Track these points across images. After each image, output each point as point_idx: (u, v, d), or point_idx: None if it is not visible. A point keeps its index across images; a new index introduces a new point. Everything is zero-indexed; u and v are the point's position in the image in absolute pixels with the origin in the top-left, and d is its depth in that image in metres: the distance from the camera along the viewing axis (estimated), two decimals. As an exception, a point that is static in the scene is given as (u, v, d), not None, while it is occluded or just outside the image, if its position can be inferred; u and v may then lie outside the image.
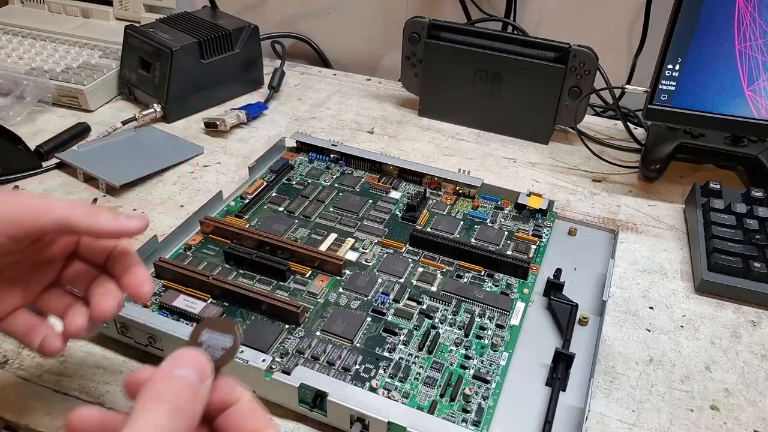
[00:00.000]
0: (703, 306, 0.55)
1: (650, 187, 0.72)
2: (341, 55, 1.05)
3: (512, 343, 0.48)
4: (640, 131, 0.82)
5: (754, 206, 0.61)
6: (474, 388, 0.44)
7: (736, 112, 0.65)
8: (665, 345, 0.51)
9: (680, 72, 0.65)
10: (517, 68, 0.77)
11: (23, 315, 0.37)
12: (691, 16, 0.62)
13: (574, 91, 0.76)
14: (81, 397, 0.44)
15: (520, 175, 0.73)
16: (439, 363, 0.46)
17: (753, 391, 0.47)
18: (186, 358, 0.27)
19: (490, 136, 0.81)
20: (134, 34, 0.81)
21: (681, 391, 0.47)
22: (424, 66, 0.81)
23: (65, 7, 0.98)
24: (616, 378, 0.48)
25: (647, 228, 0.65)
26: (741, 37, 0.62)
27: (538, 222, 0.62)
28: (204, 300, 0.50)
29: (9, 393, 0.44)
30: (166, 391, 0.25)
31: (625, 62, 0.87)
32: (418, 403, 0.43)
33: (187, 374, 0.27)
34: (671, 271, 0.59)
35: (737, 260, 0.56)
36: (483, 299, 0.52)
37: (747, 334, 0.52)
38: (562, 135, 0.82)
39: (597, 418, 0.45)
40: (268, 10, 1.06)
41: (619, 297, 0.56)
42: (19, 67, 0.83)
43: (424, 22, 0.79)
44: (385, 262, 0.55)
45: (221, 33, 0.82)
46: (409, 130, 0.82)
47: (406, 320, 0.50)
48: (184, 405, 0.25)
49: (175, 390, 0.26)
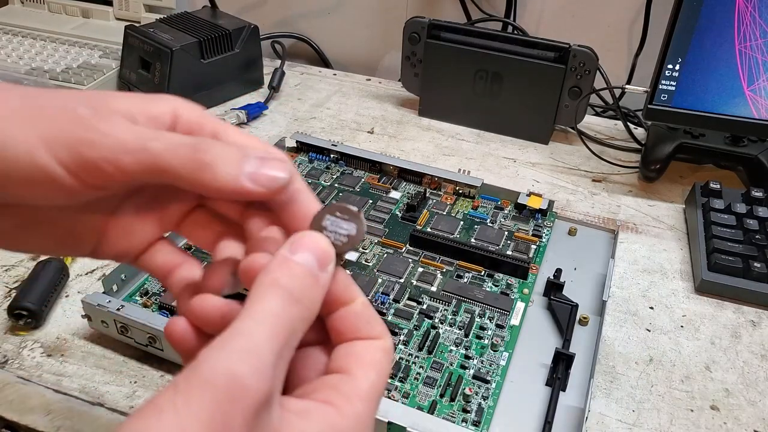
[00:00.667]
0: (703, 306, 0.55)
1: (650, 187, 0.72)
2: (341, 55, 1.05)
3: (512, 343, 0.48)
4: (640, 131, 0.82)
5: (754, 206, 0.61)
6: (474, 388, 0.44)
7: (736, 112, 0.65)
8: (665, 345, 0.51)
9: (680, 72, 0.65)
10: (518, 68, 0.77)
11: (163, 249, 0.28)
12: (691, 16, 0.62)
13: (574, 91, 0.76)
14: (81, 396, 0.44)
15: (520, 175, 0.73)
16: (439, 363, 0.46)
17: (753, 391, 0.47)
18: (307, 243, 0.23)
19: (490, 136, 0.81)
20: (134, 34, 0.81)
21: (681, 391, 0.47)
22: (424, 66, 0.81)
23: (65, 7, 0.98)
24: (616, 378, 0.48)
25: (647, 228, 0.65)
26: (741, 37, 0.62)
27: (538, 222, 0.62)
28: (204, 300, 0.50)
29: (9, 393, 0.44)
30: (283, 277, 0.22)
31: (625, 62, 0.87)
32: (418, 403, 0.43)
33: (307, 260, 0.23)
34: (671, 271, 0.59)
35: (737, 260, 0.56)
36: (483, 299, 0.52)
37: (747, 334, 0.52)
38: (562, 135, 0.82)
39: (597, 418, 0.45)
40: (268, 10, 1.06)
41: (619, 297, 0.56)
42: (19, 67, 0.83)
43: (424, 22, 0.79)
44: (385, 262, 0.55)
45: (221, 33, 0.82)
46: (409, 130, 0.82)
47: (406, 320, 0.50)
48: (303, 293, 0.22)
49: (294, 276, 0.22)
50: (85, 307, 0.47)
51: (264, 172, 0.24)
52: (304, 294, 0.22)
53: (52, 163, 0.22)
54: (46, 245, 0.27)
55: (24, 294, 0.49)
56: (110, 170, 0.23)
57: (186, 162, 0.23)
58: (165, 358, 0.46)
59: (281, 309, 0.21)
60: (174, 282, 0.28)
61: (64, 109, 0.23)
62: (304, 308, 0.22)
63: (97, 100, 0.24)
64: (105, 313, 0.46)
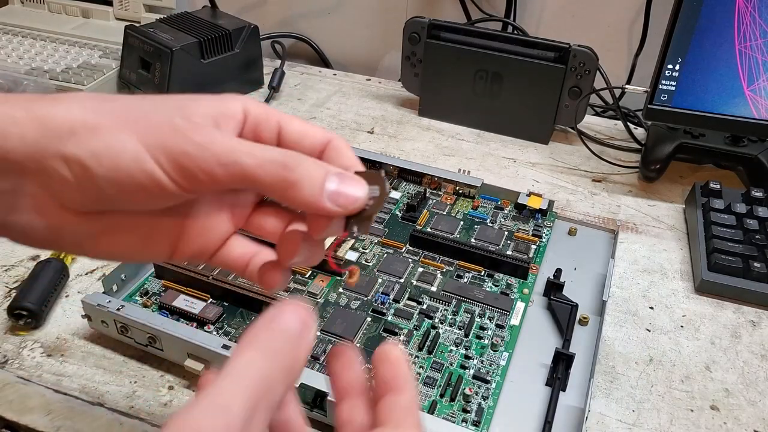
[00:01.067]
0: (703, 306, 0.55)
1: (650, 187, 0.72)
2: (341, 55, 1.05)
3: (512, 343, 0.48)
4: (640, 131, 0.82)
5: (754, 206, 0.61)
6: (474, 388, 0.44)
7: (736, 112, 0.65)
8: (665, 345, 0.51)
9: (680, 72, 0.65)
10: (517, 68, 0.77)
11: (238, 243, 0.30)
12: (691, 16, 0.62)
13: (574, 91, 0.76)
14: (81, 397, 0.44)
15: (520, 175, 0.73)
16: (439, 363, 0.46)
17: (753, 391, 0.47)
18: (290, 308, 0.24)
19: (490, 136, 0.81)
20: (134, 34, 0.81)
21: (681, 391, 0.47)
22: (424, 66, 0.81)
23: (65, 7, 0.98)
24: (616, 378, 0.48)
25: (647, 228, 0.65)
26: (741, 37, 0.62)
27: (538, 222, 0.62)
28: (204, 300, 0.50)
29: (9, 393, 0.44)
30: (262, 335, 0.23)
31: (625, 62, 0.87)
32: (418, 403, 0.43)
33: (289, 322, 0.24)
34: (671, 271, 0.59)
35: (737, 260, 0.56)
36: (483, 299, 0.52)
37: (747, 334, 0.52)
38: (562, 135, 0.82)
39: (597, 418, 0.45)
40: (268, 10, 1.06)
41: (619, 297, 0.56)
42: (19, 67, 0.83)
43: (424, 22, 0.79)
44: (385, 262, 0.55)
45: (221, 33, 0.82)
46: (409, 130, 0.82)
47: (406, 320, 0.50)
48: (282, 348, 0.23)
49: (273, 335, 0.23)
50: (85, 307, 0.47)
51: (344, 193, 0.26)
52: (283, 349, 0.23)
53: (158, 171, 0.25)
54: (127, 250, 0.28)
55: (24, 294, 0.49)
56: (205, 180, 0.25)
57: (274, 178, 0.25)
58: (165, 358, 0.46)
59: (256, 363, 0.22)
60: (251, 271, 0.30)
61: (163, 119, 0.25)
62: (281, 363, 0.22)
63: (186, 108, 0.26)
64: (105, 313, 0.46)
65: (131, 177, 0.25)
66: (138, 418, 0.43)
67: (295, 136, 0.29)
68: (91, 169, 0.24)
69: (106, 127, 0.24)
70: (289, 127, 0.29)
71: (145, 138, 0.25)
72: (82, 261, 0.56)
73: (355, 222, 0.27)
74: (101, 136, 0.24)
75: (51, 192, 0.25)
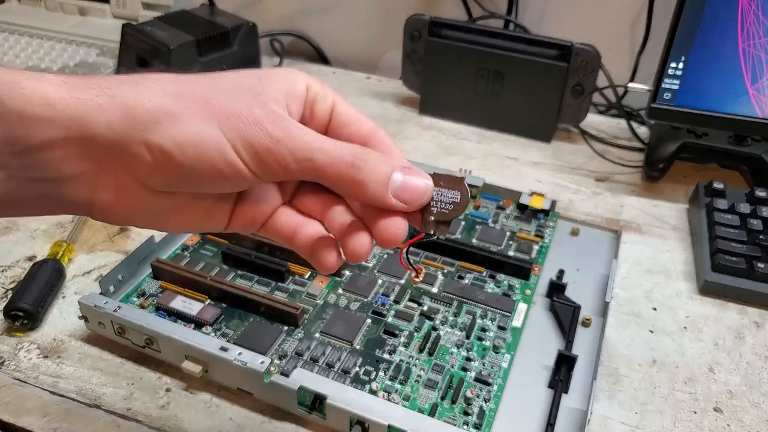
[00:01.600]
0: (707, 307, 0.55)
1: (653, 186, 0.71)
2: (341, 53, 1.05)
3: (514, 344, 0.48)
4: (643, 130, 0.81)
5: (758, 206, 0.60)
6: (475, 391, 0.44)
7: (740, 111, 0.64)
8: (668, 346, 0.50)
9: (683, 71, 0.64)
10: (519, 66, 0.76)
11: (285, 212, 0.32)
12: (694, 14, 0.61)
13: (576, 89, 0.75)
14: (78, 398, 0.43)
15: (523, 175, 0.73)
16: (440, 365, 0.46)
17: (756, 392, 0.47)
18: None
19: (492, 134, 0.81)
20: (131, 32, 0.81)
21: (684, 392, 0.47)
22: (425, 64, 0.81)
23: (62, 5, 0.98)
24: (618, 380, 0.47)
25: (650, 228, 0.64)
26: (744, 36, 0.61)
27: (540, 222, 0.61)
28: (202, 301, 0.49)
29: (5, 394, 0.43)
30: None
31: (628, 61, 0.86)
32: (418, 406, 0.43)
33: None
34: (675, 271, 0.59)
35: (741, 261, 0.55)
36: (484, 300, 0.51)
37: (751, 336, 0.52)
38: (564, 134, 0.81)
39: (600, 421, 0.44)
40: (267, 8, 1.05)
41: (622, 298, 0.55)
42: (16, 65, 0.83)
43: (424, 19, 0.79)
44: (386, 262, 0.55)
45: (219, 31, 0.82)
46: (409, 128, 0.82)
47: (406, 322, 0.49)
48: None
49: None
50: (82, 309, 0.46)
51: (408, 189, 0.28)
52: None
53: (238, 161, 0.26)
54: (193, 223, 0.30)
55: (20, 295, 0.48)
56: (279, 171, 0.27)
57: (343, 176, 0.27)
58: (162, 360, 0.46)
59: None
60: (299, 241, 0.31)
61: (242, 108, 0.26)
62: None
63: (263, 94, 0.27)
64: (102, 315, 0.45)
65: (213, 166, 0.26)
66: (135, 420, 0.42)
67: (344, 119, 0.31)
68: (175, 157, 0.25)
69: (189, 116, 0.25)
70: (341, 108, 0.31)
71: (226, 127, 0.26)
72: (78, 262, 0.56)
73: (432, 225, 0.29)
74: (184, 126, 0.25)
75: (133, 174, 0.26)
